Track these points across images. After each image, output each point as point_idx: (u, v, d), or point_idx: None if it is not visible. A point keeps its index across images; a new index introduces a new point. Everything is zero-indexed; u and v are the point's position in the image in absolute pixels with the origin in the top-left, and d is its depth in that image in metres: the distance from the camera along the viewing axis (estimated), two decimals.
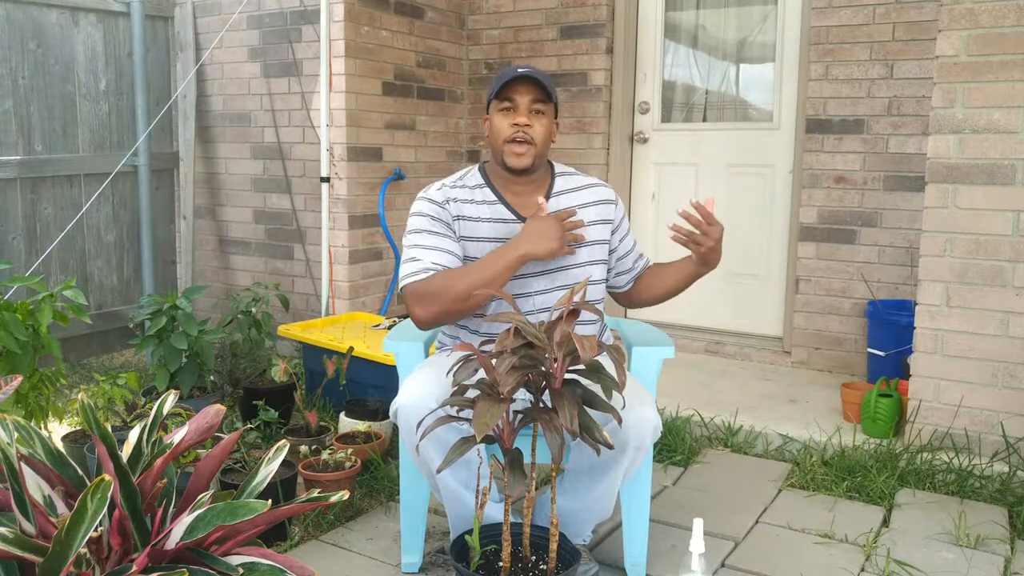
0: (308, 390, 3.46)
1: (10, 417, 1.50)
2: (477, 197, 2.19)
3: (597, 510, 2.12)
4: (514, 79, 2.08)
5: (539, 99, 2.10)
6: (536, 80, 2.08)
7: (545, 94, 2.09)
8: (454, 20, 4.63)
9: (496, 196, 2.19)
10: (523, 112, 2.10)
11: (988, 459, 2.80)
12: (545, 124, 2.12)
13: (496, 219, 2.16)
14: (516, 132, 2.09)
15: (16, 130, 3.88)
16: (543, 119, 2.12)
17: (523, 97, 2.09)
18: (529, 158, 2.11)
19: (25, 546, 1.29)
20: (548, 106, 2.12)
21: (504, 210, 2.17)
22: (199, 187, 4.61)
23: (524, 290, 2.15)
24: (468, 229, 2.15)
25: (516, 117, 2.10)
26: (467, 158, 4.77)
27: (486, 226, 2.16)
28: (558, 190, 2.22)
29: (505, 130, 2.11)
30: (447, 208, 2.15)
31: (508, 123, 2.10)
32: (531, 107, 2.10)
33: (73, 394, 3.52)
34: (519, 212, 2.17)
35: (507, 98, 2.10)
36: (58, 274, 4.09)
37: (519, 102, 2.09)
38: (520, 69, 2.10)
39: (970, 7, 2.74)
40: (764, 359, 4.09)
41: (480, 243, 2.15)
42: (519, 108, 2.10)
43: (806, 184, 3.88)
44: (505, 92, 2.10)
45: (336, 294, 4.13)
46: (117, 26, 4.24)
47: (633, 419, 1.95)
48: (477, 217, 2.16)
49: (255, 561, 1.42)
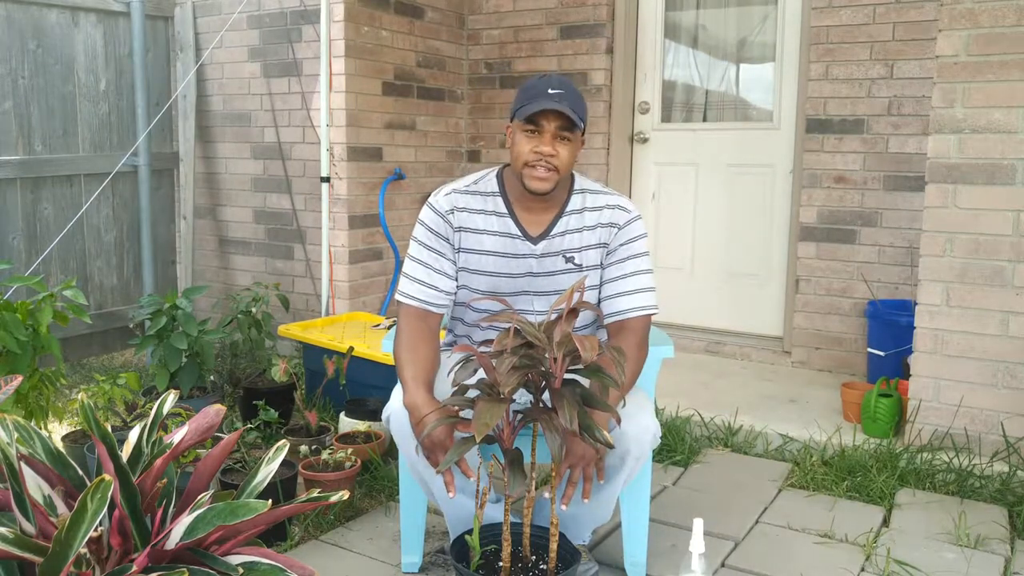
0: (308, 390, 3.46)
1: (10, 417, 1.50)
2: (488, 207, 2.13)
3: (597, 515, 2.12)
4: (543, 110, 1.96)
5: (566, 127, 1.99)
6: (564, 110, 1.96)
7: (573, 123, 1.98)
8: (454, 20, 4.63)
9: (507, 209, 2.12)
10: (548, 140, 1.98)
11: (988, 459, 2.80)
12: (570, 149, 2.01)
13: (503, 233, 2.11)
14: (539, 160, 1.99)
15: (16, 130, 3.87)
16: (568, 145, 2.01)
17: (550, 123, 1.98)
18: (550, 184, 2.02)
19: (25, 546, 1.29)
20: (575, 132, 2.01)
21: (512, 225, 2.11)
22: (199, 187, 4.61)
23: (526, 307, 2.13)
24: (471, 241, 2.12)
25: (540, 145, 1.98)
26: (467, 158, 4.77)
27: (490, 239, 2.11)
28: (571, 209, 2.13)
29: (527, 154, 2.00)
30: (450, 219, 2.11)
31: (530, 148, 1.99)
32: (557, 134, 1.98)
33: (73, 394, 3.52)
34: (527, 229, 2.11)
35: (533, 120, 1.98)
36: (58, 274, 4.09)
37: (545, 128, 1.98)
38: (551, 91, 1.96)
39: (970, 7, 2.74)
40: (764, 359, 4.09)
41: (481, 255, 2.12)
42: (544, 135, 1.98)
43: (806, 184, 3.88)
44: (532, 116, 1.99)
45: (336, 294, 4.13)
46: (117, 26, 4.24)
47: (633, 428, 1.94)
48: (483, 229, 2.11)
49: (255, 561, 1.42)
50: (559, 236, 2.11)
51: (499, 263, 2.12)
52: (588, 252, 2.12)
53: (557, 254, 2.11)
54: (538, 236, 2.12)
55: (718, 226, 4.26)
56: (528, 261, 2.12)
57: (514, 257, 2.11)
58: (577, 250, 2.12)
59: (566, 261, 2.11)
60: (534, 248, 2.11)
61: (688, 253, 4.34)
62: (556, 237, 2.11)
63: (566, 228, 2.12)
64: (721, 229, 4.25)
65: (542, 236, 2.12)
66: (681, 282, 4.33)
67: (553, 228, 2.12)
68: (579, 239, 2.12)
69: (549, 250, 2.11)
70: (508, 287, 2.13)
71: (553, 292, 2.12)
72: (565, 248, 2.11)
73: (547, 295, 2.13)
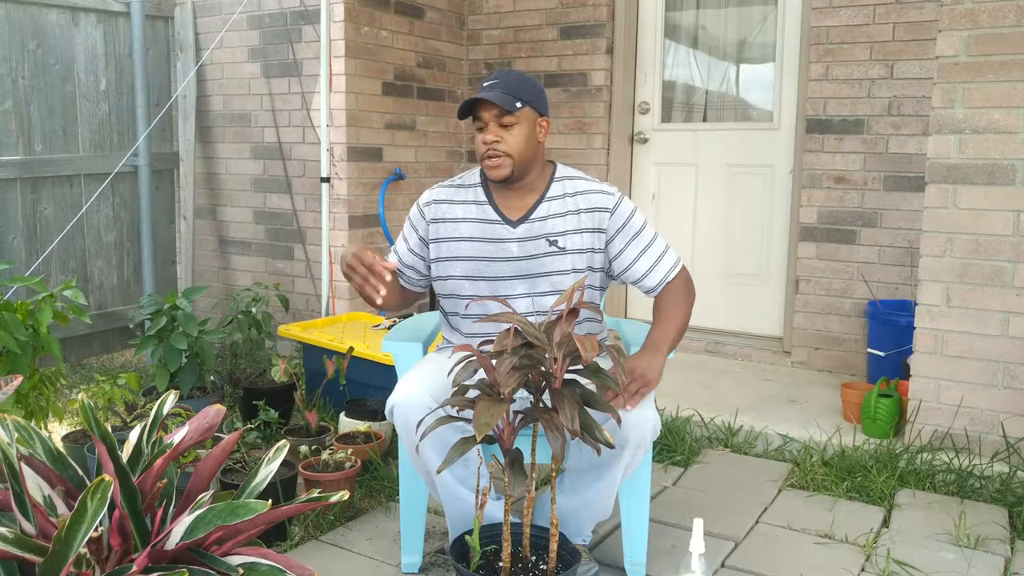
0: (308, 390, 3.46)
1: (10, 417, 1.50)
2: (468, 197, 2.24)
3: (596, 509, 2.12)
4: (468, 103, 2.11)
5: (503, 112, 2.10)
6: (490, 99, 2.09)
7: (507, 108, 2.08)
8: (454, 20, 4.63)
9: (487, 197, 2.23)
10: (491, 129, 2.11)
11: (988, 459, 2.80)
12: (518, 133, 2.11)
13: (481, 219, 2.21)
14: (486, 149, 2.12)
15: (16, 130, 3.87)
16: (515, 128, 2.11)
17: (487, 113, 2.11)
18: (505, 169, 2.13)
19: (25, 546, 1.29)
20: (517, 115, 2.11)
21: (491, 211, 2.21)
22: (199, 187, 4.61)
23: (508, 291, 2.18)
24: (446, 231, 2.22)
25: (485, 135, 2.12)
26: (467, 158, 4.77)
27: (467, 226, 2.21)
28: (552, 195, 2.22)
29: (479, 147, 2.14)
30: (424, 211, 2.26)
31: (480, 140, 2.13)
32: (498, 122, 2.10)
33: (73, 394, 3.52)
34: (505, 214, 2.20)
35: (476, 116, 2.13)
36: (58, 274, 4.09)
37: (485, 118, 2.11)
38: (484, 84, 2.12)
39: (970, 7, 2.74)
40: (764, 359, 4.09)
41: (458, 242, 2.21)
42: (487, 125, 2.12)
43: (806, 184, 3.88)
44: (471, 112, 2.13)
45: (336, 294, 4.13)
46: (117, 26, 4.24)
47: (633, 418, 1.95)
48: (461, 218, 2.22)
49: (255, 561, 1.42)
50: (541, 220, 2.19)
51: (477, 248, 2.20)
52: (573, 236, 2.19)
53: (539, 237, 2.18)
54: (517, 220, 2.19)
55: (718, 226, 4.26)
56: (508, 245, 2.18)
57: (491, 241, 2.19)
58: (561, 233, 2.18)
59: (549, 244, 2.18)
60: (513, 231, 2.18)
61: (688, 253, 4.34)
62: (538, 221, 2.19)
63: (548, 212, 2.20)
64: (721, 229, 4.25)
65: (522, 220, 2.19)
66: None
67: (534, 212, 2.20)
68: (563, 223, 2.19)
69: (530, 233, 2.18)
70: (489, 271, 2.19)
71: (537, 275, 2.18)
72: (548, 232, 2.18)
73: (530, 278, 2.19)
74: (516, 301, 2.17)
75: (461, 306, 2.23)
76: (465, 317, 2.22)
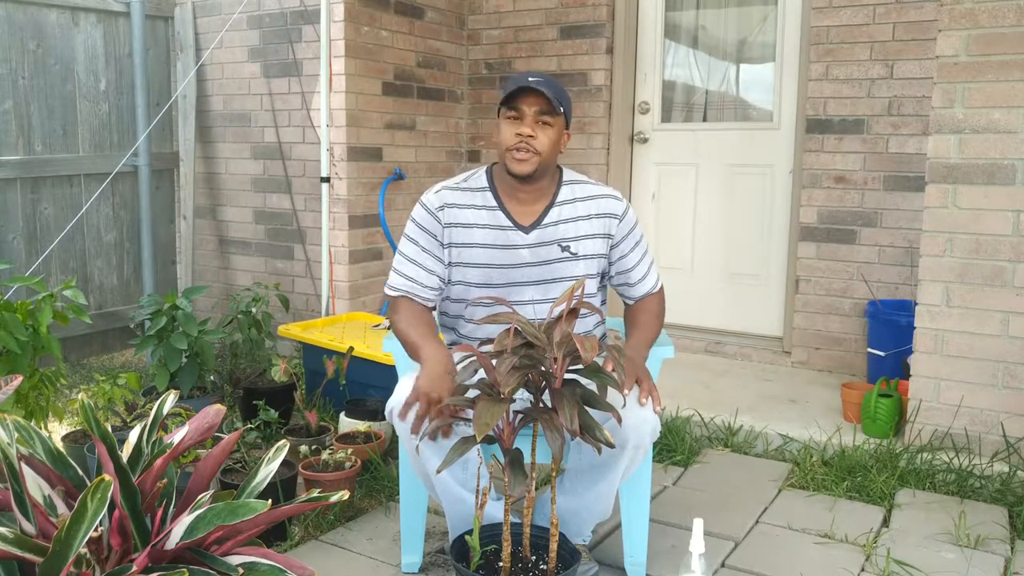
0: (308, 390, 3.46)
1: (10, 417, 1.50)
2: (477, 201, 2.19)
3: (596, 509, 2.12)
4: (521, 89, 2.07)
5: (545, 111, 2.08)
6: (543, 92, 2.06)
7: (552, 106, 2.07)
8: (454, 20, 4.63)
9: (497, 202, 2.18)
10: (528, 123, 2.08)
11: (988, 459, 2.80)
12: (551, 135, 2.10)
13: (493, 225, 2.17)
14: (519, 142, 2.08)
15: (16, 130, 3.88)
16: (549, 130, 2.10)
17: (529, 108, 2.07)
18: (532, 165, 2.10)
19: (25, 546, 1.29)
20: (556, 118, 2.10)
21: (503, 217, 2.17)
22: (199, 187, 4.61)
23: (519, 298, 2.16)
24: (461, 236, 2.17)
25: (521, 127, 2.08)
26: (467, 158, 4.77)
27: (480, 232, 2.16)
28: (562, 199, 2.20)
29: (509, 139, 2.09)
30: (439, 215, 2.17)
31: (513, 132, 2.09)
32: (537, 118, 2.08)
33: (73, 394, 3.52)
34: (517, 220, 2.17)
35: (514, 107, 2.09)
36: (58, 274, 4.09)
37: (525, 112, 2.08)
38: (531, 79, 2.07)
39: (970, 7, 2.74)
40: (764, 359, 4.09)
41: (472, 248, 2.16)
42: (525, 118, 2.08)
43: (806, 184, 3.88)
44: (512, 101, 2.09)
45: (336, 294, 4.13)
46: (117, 26, 4.24)
47: (632, 418, 1.95)
48: (472, 223, 2.17)
49: (255, 561, 1.42)
50: (553, 225, 2.17)
51: (490, 254, 2.16)
52: (585, 241, 2.18)
53: (552, 243, 2.17)
54: (530, 225, 2.17)
55: (718, 226, 4.26)
56: (520, 251, 2.16)
57: (504, 248, 2.16)
58: (573, 239, 2.17)
59: (562, 250, 2.17)
60: (526, 237, 2.16)
61: (688, 253, 4.34)
62: (550, 226, 2.17)
63: (559, 217, 2.18)
64: (721, 229, 4.25)
65: (534, 225, 2.17)
66: (681, 282, 4.32)
67: (545, 217, 2.18)
68: (575, 228, 2.18)
69: (543, 239, 2.16)
70: (501, 278, 2.17)
71: (550, 280, 2.17)
72: (560, 237, 2.17)
73: (543, 284, 2.17)
74: (524, 308, 2.14)
75: (463, 309, 2.22)
76: (468, 321, 2.21)
